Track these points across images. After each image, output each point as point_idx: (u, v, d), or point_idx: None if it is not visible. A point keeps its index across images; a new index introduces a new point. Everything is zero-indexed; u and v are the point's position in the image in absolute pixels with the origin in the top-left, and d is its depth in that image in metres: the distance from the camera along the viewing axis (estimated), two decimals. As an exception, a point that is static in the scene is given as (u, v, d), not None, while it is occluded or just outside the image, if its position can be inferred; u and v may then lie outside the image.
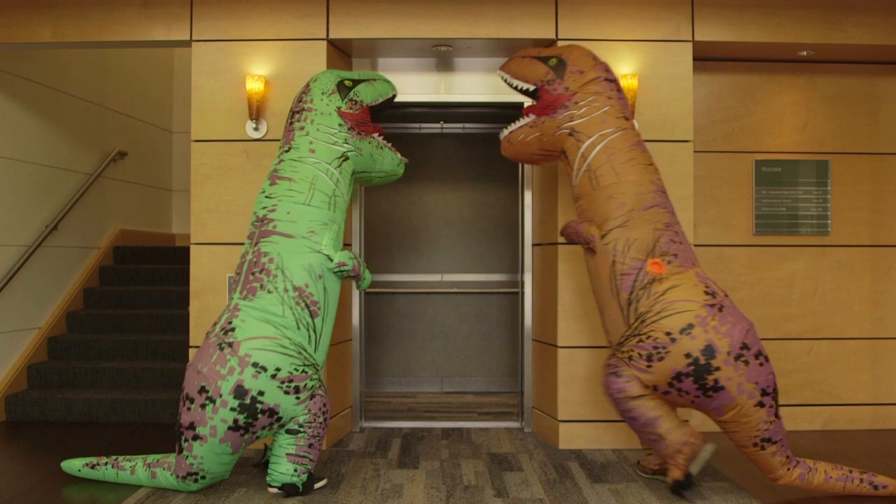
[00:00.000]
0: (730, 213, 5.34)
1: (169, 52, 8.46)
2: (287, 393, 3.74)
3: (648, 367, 3.75)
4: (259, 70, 4.83)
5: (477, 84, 5.32)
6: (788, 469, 3.83)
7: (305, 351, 3.88)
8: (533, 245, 5.36)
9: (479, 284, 6.76)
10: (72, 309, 6.46)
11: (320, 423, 3.88)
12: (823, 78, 5.38)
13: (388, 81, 4.46)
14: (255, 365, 3.68)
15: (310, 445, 3.87)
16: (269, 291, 3.85)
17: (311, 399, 3.84)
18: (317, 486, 4.02)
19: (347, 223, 5.16)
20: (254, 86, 4.74)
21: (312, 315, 3.91)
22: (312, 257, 3.92)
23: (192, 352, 4.79)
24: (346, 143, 4.15)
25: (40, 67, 6.11)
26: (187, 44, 4.92)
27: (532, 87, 4.24)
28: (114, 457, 4.10)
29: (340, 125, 4.16)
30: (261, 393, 3.67)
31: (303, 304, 3.88)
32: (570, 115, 4.09)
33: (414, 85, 5.32)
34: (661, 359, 3.71)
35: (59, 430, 5.27)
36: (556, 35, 4.84)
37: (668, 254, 3.87)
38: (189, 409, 3.73)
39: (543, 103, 4.18)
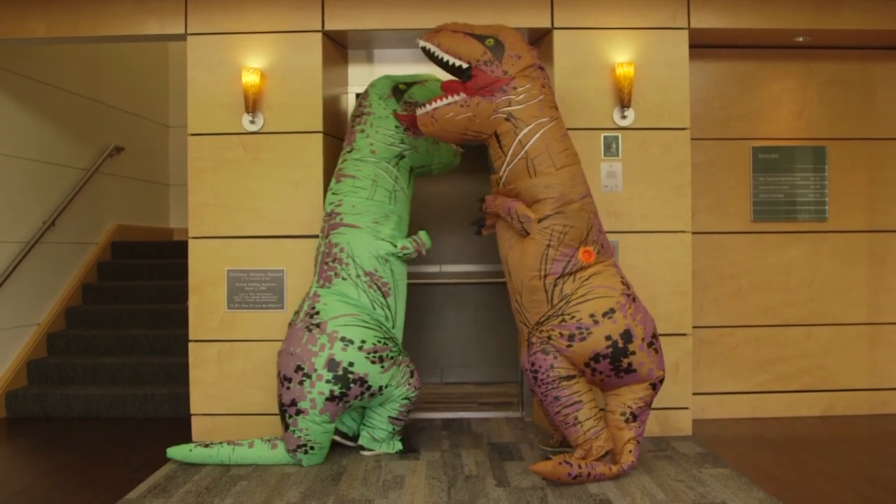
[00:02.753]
0: (727, 201, 5.34)
1: (164, 45, 8.42)
2: (373, 363, 4.19)
3: (569, 346, 3.91)
4: (255, 63, 4.81)
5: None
6: (630, 451, 3.99)
7: (384, 326, 4.36)
8: (531, 235, 5.34)
9: (478, 275, 6.75)
10: (70, 305, 6.45)
11: (415, 388, 4.43)
12: (819, 64, 5.37)
13: (438, 80, 4.66)
14: (342, 339, 4.15)
15: (408, 411, 4.47)
16: (344, 279, 4.34)
17: (396, 367, 4.30)
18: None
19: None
20: (250, 79, 4.73)
21: (385, 295, 4.40)
22: (378, 244, 4.39)
23: (191, 346, 4.80)
24: (403, 143, 4.56)
25: (34, 63, 6.08)
26: (182, 37, 4.90)
27: (465, 65, 4.07)
28: (228, 440, 4.35)
29: (397, 127, 4.56)
30: (351, 364, 4.13)
31: (374, 287, 4.36)
32: (509, 100, 4.04)
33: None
34: (582, 339, 3.89)
35: (59, 426, 5.28)
36: (552, 24, 4.83)
37: (597, 244, 4.09)
38: (288, 388, 4.16)
39: (478, 83, 4.04)
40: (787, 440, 4.75)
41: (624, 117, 4.82)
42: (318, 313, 4.23)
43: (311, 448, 4.20)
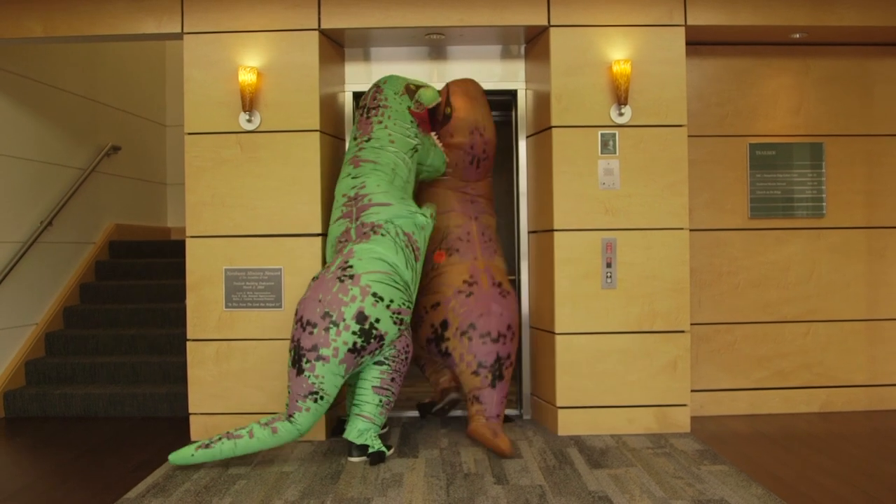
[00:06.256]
0: (725, 197, 5.34)
1: (160, 44, 8.42)
2: (395, 323, 4.28)
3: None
4: (251, 61, 4.81)
5: (469, 72, 5.30)
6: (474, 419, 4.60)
7: (409, 289, 4.41)
8: (528, 232, 5.36)
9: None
10: (68, 304, 6.45)
11: (403, 359, 4.40)
12: (816, 60, 5.37)
13: (436, 90, 4.87)
14: (374, 294, 4.19)
15: (392, 379, 4.37)
16: (383, 235, 4.38)
17: (406, 335, 4.40)
18: (388, 453, 4.40)
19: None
20: (246, 77, 4.72)
21: (416, 259, 4.47)
22: (413, 215, 4.51)
23: (189, 345, 4.80)
24: (416, 137, 4.74)
25: (31, 63, 6.07)
26: (179, 36, 4.89)
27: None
28: (225, 431, 4.22)
29: (412, 122, 4.74)
30: (377, 320, 4.19)
31: (410, 248, 4.43)
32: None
33: (407, 74, 5.30)
34: (419, 325, 4.91)
35: (58, 426, 5.28)
36: (549, 21, 4.83)
37: (452, 248, 4.91)
38: (311, 333, 4.14)
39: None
40: (785, 436, 4.76)
41: (621, 114, 4.81)
42: (351, 266, 4.25)
43: (321, 398, 4.13)
